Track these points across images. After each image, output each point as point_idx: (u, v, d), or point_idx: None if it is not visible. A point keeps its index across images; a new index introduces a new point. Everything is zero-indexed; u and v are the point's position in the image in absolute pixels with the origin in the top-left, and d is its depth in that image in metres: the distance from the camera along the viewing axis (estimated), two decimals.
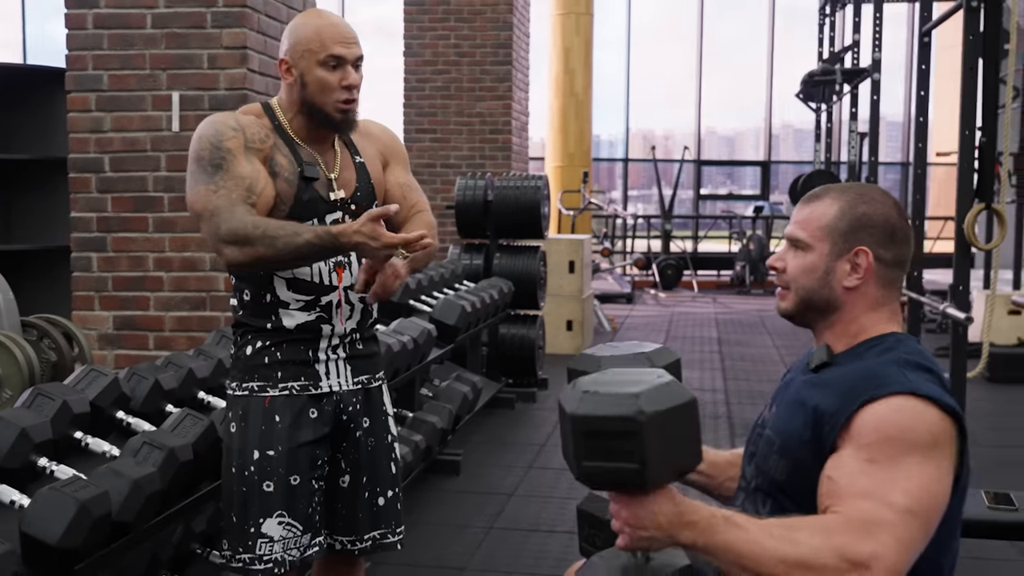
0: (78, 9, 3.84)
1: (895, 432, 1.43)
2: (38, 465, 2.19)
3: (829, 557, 1.33)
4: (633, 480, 1.35)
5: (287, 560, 2.17)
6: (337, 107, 2.15)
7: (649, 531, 1.39)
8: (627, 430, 1.32)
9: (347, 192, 2.25)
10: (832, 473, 1.45)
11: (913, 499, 1.39)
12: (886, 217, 1.64)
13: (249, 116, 2.21)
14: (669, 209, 14.36)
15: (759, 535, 1.37)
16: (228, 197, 2.05)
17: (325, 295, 2.20)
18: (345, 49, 2.13)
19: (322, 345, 2.22)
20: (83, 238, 3.90)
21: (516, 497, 4.52)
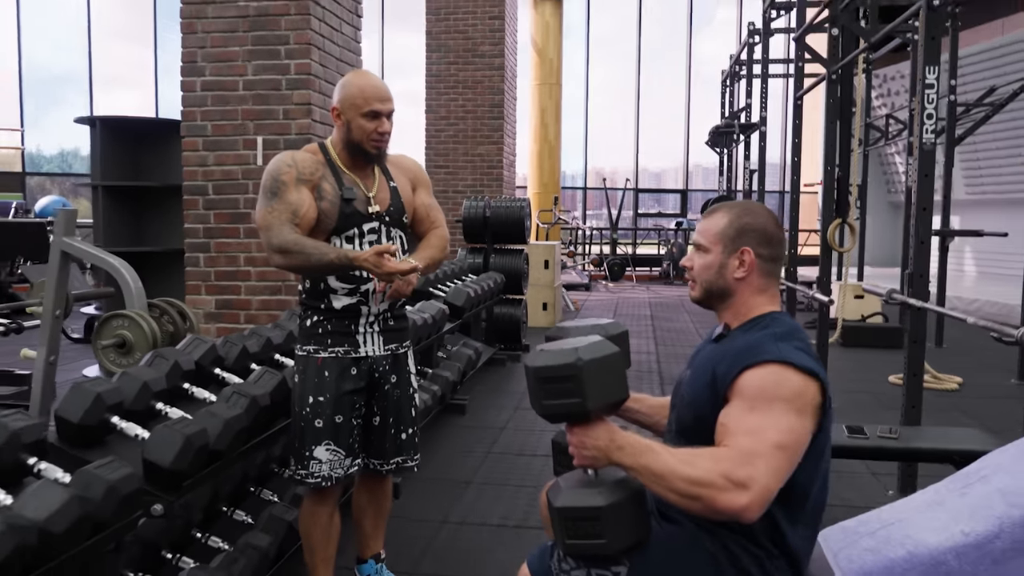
0: (190, 77, 3.76)
1: (769, 388, 1.41)
2: (156, 408, 2.13)
3: (717, 477, 1.31)
4: (577, 411, 1.37)
5: (333, 476, 2.18)
6: (371, 144, 2.14)
7: (591, 451, 1.40)
8: (569, 374, 1.34)
9: (382, 207, 2.22)
10: (723, 419, 1.43)
11: (781, 437, 1.36)
12: (764, 225, 1.61)
13: (307, 153, 2.20)
14: (615, 223, 14.30)
15: (669, 459, 1.35)
16: (279, 218, 2.07)
17: (364, 284, 2.18)
18: (382, 105, 2.12)
19: (361, 321, 2.21)
20: (193, 243, 3.82)
21: (507, 430, 4.47)
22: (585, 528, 1.40)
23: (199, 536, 2.30)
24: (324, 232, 2.15)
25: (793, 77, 9.51)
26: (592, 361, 1.34)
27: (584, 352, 1.34)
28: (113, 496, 1.58)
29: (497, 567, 2.75)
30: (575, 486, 1.44)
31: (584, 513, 1.39)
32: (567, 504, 1.41)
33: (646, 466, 1.35)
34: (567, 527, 1.42)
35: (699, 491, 1.31)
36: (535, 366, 1.36)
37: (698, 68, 17.07)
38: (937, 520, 1.65)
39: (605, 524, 1.38)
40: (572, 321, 1.95)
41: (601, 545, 1.40)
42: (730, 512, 1.31)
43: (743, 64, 9.28)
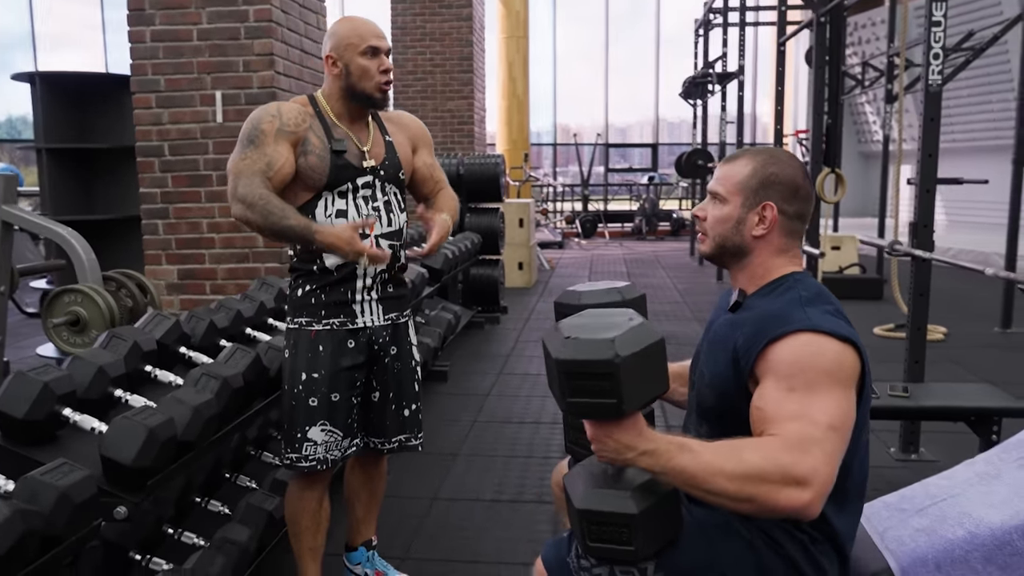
0: (138, 27, 3.42)
1: (807, 364, 1.22)
2: (114, 396, 1.89)
3: (773, 471, 1.12)
4: (610, 413, 1.14)
5: (329, 459, 2.00)
6: (379, 88, 1.95)
7: (611, 452, 1.18)
8: (605, 372, 1.10)
9: (377, 162, 2.02)
10: (759, 403, 1.23)
11: (832, 416, 1.18)
12: (791, 177, 1.40)
13: (295, 104, 1.99)
14: (586, 180, 14.07)
15: (710, 458, 1.15)
16: (251, 167, 1.88)
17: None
18: (379, 41, 1.95)
19: (358, 286, 2.00)
20: (150, 208, 3.52)
21: (492, 397, 4.29)
22: (611, 533, 1.21)
23: (171, 532, 2.08)
24: (313, 188, 1.95)
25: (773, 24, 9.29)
26: (632, 357, 1.10)
27: (622, 345, 1.10)
28: (65, 505, 1.36)
29: (494, 546, 2.59)
30: (599, 484, 1.24)
31: (612, 519, 1.20)
32: (591, 507, 1.21)
33: (681, 469, 1.15)
34: (590, 530, 1.23)
35: (752, 491, 1.12)
36: (562, 358, 1.12)
37: (666, 21, 16.75)
38: (996, 495, 1.50)
39: (635, 531, 1.20)
40: (584, 285, 1.75)
41: (628, 552, 1.22)
42: (790, 511, 1.13)
43: (717, 12, 9.01)
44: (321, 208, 1.95)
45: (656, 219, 13.71)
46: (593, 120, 16.51)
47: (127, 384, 1.94)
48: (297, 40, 3.60)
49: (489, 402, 4.19)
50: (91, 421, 1.72)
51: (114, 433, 1.62)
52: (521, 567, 2.45)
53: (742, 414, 1.29)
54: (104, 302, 2.64)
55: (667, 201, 14.84)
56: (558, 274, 9.29)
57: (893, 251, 3.26)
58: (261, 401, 2.22)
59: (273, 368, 2.25)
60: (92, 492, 1.43)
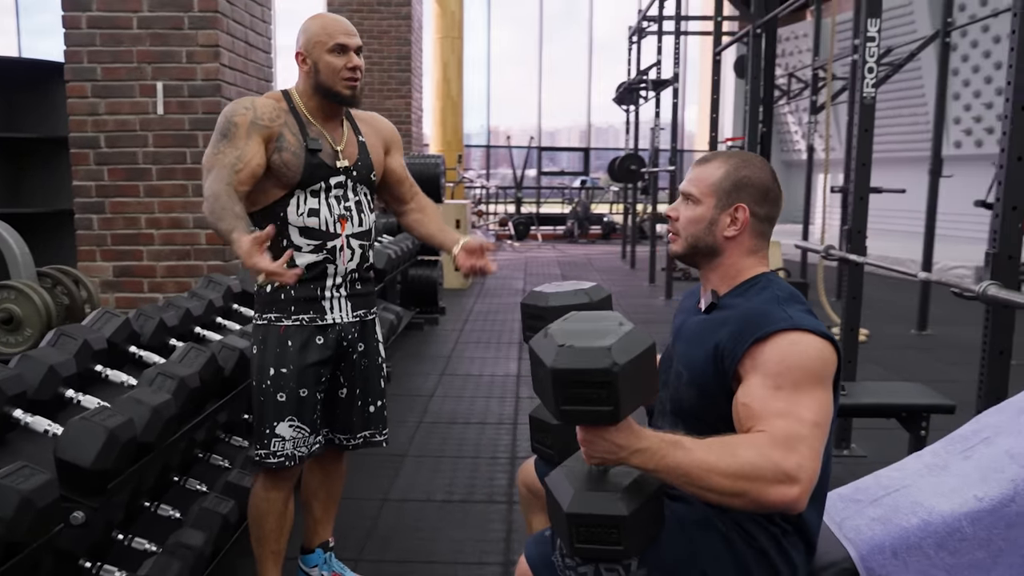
0: (73, 12, 3.27)
1: (793, 363, 1.26)
2: (65, 396, 1.81)
3: (765, 467, 1.15)
4: (605, 420, 1.15)
5: (297, 455, 1.98)
6: (345, 84, 1.92)
7: (602, 454, 1.19)
8: (603, 380, 1.10)
9: (350, 162, 2.01)
10: (746, 400, 1.27)
11: (816, 414, 1.23)
12: (763, 180, 1.45)
13: (269, 99, 1.97)
14: (520, 182, 14.15)
15: (703, 455, 1.17)
16: (221, 161, 1.84)
17: (331, 240, 1.97)
18: (348, 39, 1.92)
19: (327, 284, 1.98)
20: (84, 202, 3.36)
21: (436, 398, 4.28)
22: (600, 535, 1.22)
23: (121, 539, 2.00)
24: (286, 186, 1.92)
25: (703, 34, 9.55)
26: (628, 364, 1.11)
27: (618, 352, 1.11)
28: (28, 511, 1.30)
29: (449, 546, 2.58)
30: (586, 487, 1.25)
31: (602, 521, 1.21)
32: (583, 511, 1.22)
33: (675, 466, 1.17)
34: (579, 533, 1.24)
35: (745, 486, 1.16)
36: (558, 368, 1.12)
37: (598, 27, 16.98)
38: (945, 485, 1.58)
39: (625, 532, 1.21)
40: (551, 286, 1.77)
41: (617, 551, 1.23)
42: (780, 505, 1.17)
43: (651, 20, 9.21)
44: (293, 206, 1.93)
45: (588, 222, 13.90)
46: (522, 123, 16.64)
47: (78, 384, 1.86)
48: (243, 32, 3.51)
49: (434, 403, 4.18)
50: (44, 423, 1.65)
51: (72, 435, 1.55)
52: (476, 567, 2.45)
53: (722, 412, 1.32)
54: (40, 299, 2.52)
55: (598, 205, 15.05)
56: (492, 276, 9.28)
57: (828, 255, 3.40)
58: (215, 402, 2.16)
59: (228, 368, 2.20)
60: (55, 496, 1.37)
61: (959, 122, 10.03)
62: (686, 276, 8.82)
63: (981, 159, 9.28)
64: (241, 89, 3.51)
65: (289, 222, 1.94)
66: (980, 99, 9.72)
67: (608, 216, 14.45)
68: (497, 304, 7.39)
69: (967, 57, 9.77)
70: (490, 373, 4.83)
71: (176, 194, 3.35)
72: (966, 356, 5.21)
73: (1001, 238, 2.23)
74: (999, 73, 9.27)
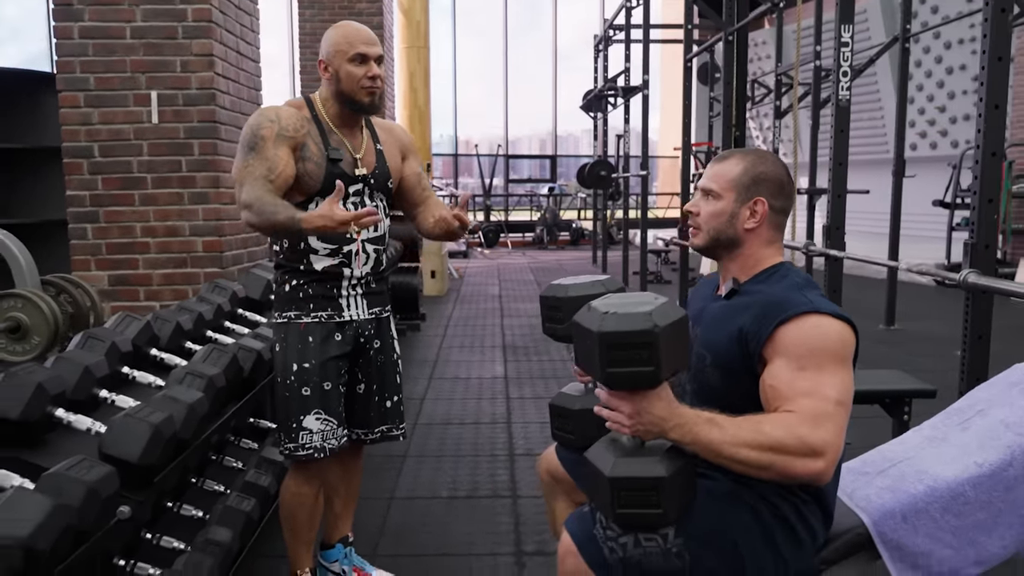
0: (65, 22, 3.27)
1: (814, 343, 1.36)
2: (100, 396, 1.84)
3: (793, 442, 1.26)
4: (648, 380, 1.25)
5: (327, 447, 2.03)
6: (364, 92, 1.97)
7: (645, 425, 1.29)
8: (646, 341, 1.21)
9: (368, 170, 2.06)
10: (772, 381, 1.36)
11: (839, 392, 1.33)
12: (779, 175, 1.56)
13: (291, 108, 2.01)
14: (488, 190, 14.24)
15: (735, 431, 1.28)
16: (253, 173, 1.89)
17: (347, 245, 2.01)
18: (368, 48, 1.97)
19: (343, 284, 2.04)
20: (78, 212, 3.36)
21: (427, 400, 4.33)
22: (641, 498, 1.31)
23: (149, 537, 2.03)
24: (306, 193, 1.97)
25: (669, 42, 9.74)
26: (668, 327, 1.22)
27: (658, 316, 1.23)
28: (94, 501, 1.34)
29: (460, 539, 2.65)
30: (626, 454, 1.34)
31: (643, 484, 1.30)
32: (625, 474, 1.31)
33: (707, 440, 1.27)
34: (620, 497, 1.32)
35: (774, 460, 1.26)
36: (604, 331, 1.23)
37: (562, 35, 17.16)
38: (947, 454, 1.70)
39: (665, 494, 1.30)
40: (567, 279, 1.84)
41: (657, 515, 1.31)
42: (806, 477, 1.28)
43: (618, 29, 9.39)
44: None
45: (557, 229, 14.05)
46: (485, 132, 16.77)
47: (110, 384, 1.89)
48: (234, 42, 3.55)
49: (426, 406, 4.23)
50: (86, 421, 1.68)
51: (117, 431, 1.59)
52: (489, 557, 2.52)
53: (746, 391, 1.42)
54: (48, 308, 2.53)
55: (566, 211, 15.22)
56: (467, 283, 9.38)
57: (808, 251, 3.55)
58: (235, 403, 2.21)
59: (247, 368, 2.24)
60: (116, 487, 1.41)
61: (914, 125, 10.38)
62: (658, 279, 8.99)
63: (937, 160, 9.63)
64: (234, 98, 3.55)
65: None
66: (934, 103, 10.08)
67: (576, 222, 14.61)
68: (476, 310, 7.46)
69: (920, 62, 10.12)
70: (478, 376, 4.89)
71: (172, 202, 3.37)
72: (933, 347, 5.44)
73: (979, 229, 2.38)
74: (951, 78, 9.65)
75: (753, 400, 1.41)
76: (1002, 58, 2.30)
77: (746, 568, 1.43)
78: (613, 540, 1.45)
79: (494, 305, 7.74)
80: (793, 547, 1.45)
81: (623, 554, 1.43)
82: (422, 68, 13.01)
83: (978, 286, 2.36)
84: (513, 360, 5.32)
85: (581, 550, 1.47)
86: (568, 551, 1.49)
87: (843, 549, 1.58)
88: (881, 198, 6.95)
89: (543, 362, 5.26)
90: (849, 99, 3.38)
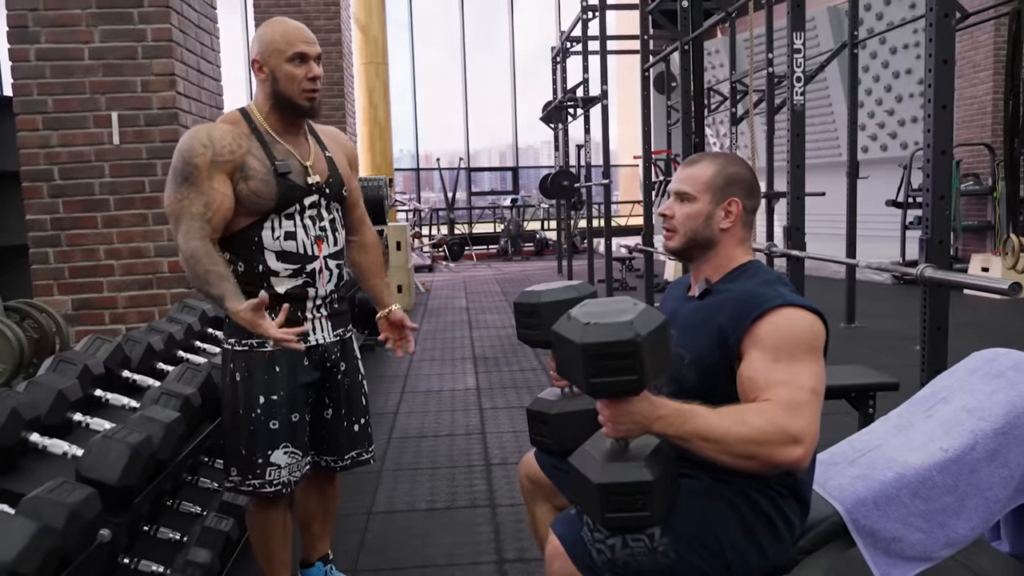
0: (20, 44, 3.23)
1: (787, 335, 1.41)
2: (73, 420, 1.82)
3: (772, 431, 1.29)
4: (632, 388, 1.26)
5: (292, 481, 1.95)
6: (304, 95, 1.87)
7: (629, 425, 1.31)
8: (628, 351, 1.22)
9: (322, 178, 1.96)
10: (749, 373, 1.40)
11: (813, 382, 1.37)
12: (748, 176, 1.62)
13: (225, 125, 1.90)
14: (452, 203, 14.26)
15: (717, 421, 1.31)
16: (188, 210, 1.79)
17: (309, 263, 1.92)
18: (307, 47, 1.86)
19: (308, 306, 1.95)
20: (39, 236, 3.31)
21: (401, 415, 4.32)
22: (629, 502, 1.32)
23: (127, 562, 2.00)
24: (258, 213, 1.86)
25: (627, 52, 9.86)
26: (650, 335, 1.23)
27: (640, 325, 1.23)
28: (76, 523, 1.33)
29: (441, 551, 2.65)
30: (611, 459, 1.36)
31: (631, 488, 1.31)
32: (612, 480, 1.32)
33: (692, 432, 1.30)
34: (608, 502, 1.33)
35: (756, 449, 1.29)
36: (586, 342, 1.23)
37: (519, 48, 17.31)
38: (914, 441, 1.76)
39: (651, 498, 1.32)
40: (540, 285, 1.86)
41: (644, 518, 1.33)
42: (787, 465, 1.31)
43: (575, 40, 9.51)
44: (268, 231, 1.88)
45: (521, 240, 14.10)
46: (446, 146, 16.78)
47: (84, 408, 1.87)
48: (195, 61, 3.53)
49: (400, 419, 4.22)
50: (62, 445, 1.66)
51: (95, 453, 1.58)
52: (471, 567, 2.53)
53: (723, 390, 1.45)
54: (13, 334, 2.49)
55: (530, 222, 15.29)
56: (434, 296, 9.37)
57: (771, 252, 3.63)
58: (210, 423, 2.19)
59: None
60: (98, 509, 1.40)
61: (864, 128, 10.66)
62: (623, 286, 9.09)
63: (888, 162, 9.91)
64: (196, 117, 3.52)
65: (265, 247, 1.88)
66: (882, 106, 10.37)
67: (540, 233, 14.69)
68: (444, 323, 7.46)
69: (867, 67, 10.42)
70: (450, 388, 4.90)
71: (136, 223, 3.33)
72: (893, 343, 5.58)
73: (932, 224, 2.47)
74: (898, 82, 9.94)
75: (728, 398, 1.45)
76: (947, 60, 2.40)
77: (729, 562, 1.46)
78: (601, 542, 1.47)
79: (462, 318, 7.75)
80: (773, 540, 1.49)
81: (611, 555, 1.45)
82: (381, 84, 13.06)
83: (934, 280, 2.45)
84: (484, 371, 5.33)
85: (569, 553, 1.49)
86: (556, 554, 1.51)
87: (818, 538, 1.62)
88: (836, 200, 7.12)
89: (514, 372, 5.28)
90: (804, 103, 3.48)
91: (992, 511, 1.66)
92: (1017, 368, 1.76)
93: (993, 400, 1.71)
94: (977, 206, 8.74)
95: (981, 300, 6.95)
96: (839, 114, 10.46)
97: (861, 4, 8.73)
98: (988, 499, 1.65)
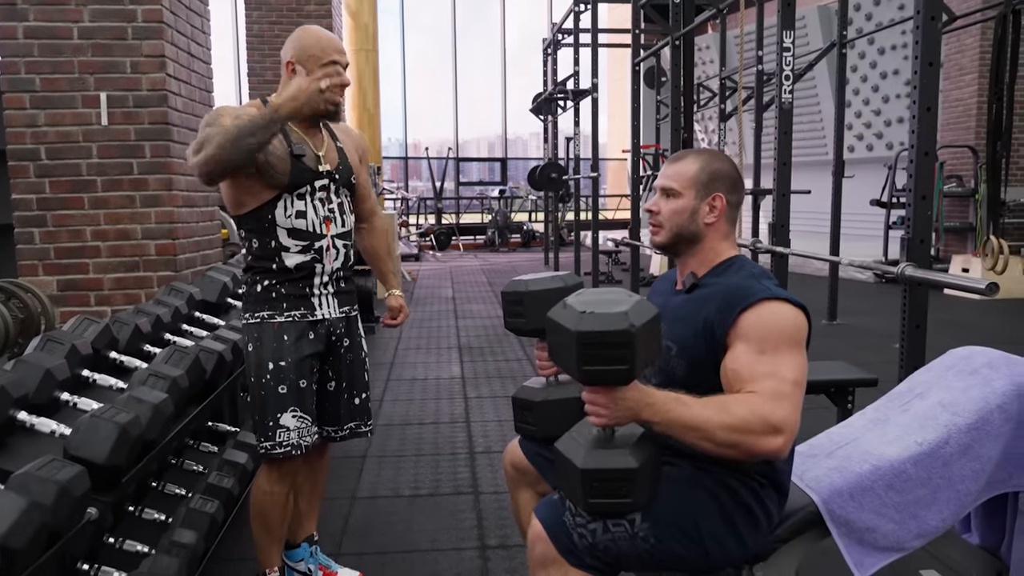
0: (9, 22, 3.20)
1: (772, 327, 1.44)
2: (61, 399, 1.83)
3: (755, 421, 1.33)
4: (622, 378, 1.29)
5: (303, 444, 2.05)
6: (329, 101, 1.97)
7: (619, 412, 1.34)
8: (621, 341, 1.25)
9: (332, 166, 2.09)
10: (733, 365, 1.43)
11: (795, 374, 1.41)
12: (731, 172, 1.64)
13: (251, 108, 2.00)
14: (439, 193, 14.24)
15: (701, 410, 1.34)
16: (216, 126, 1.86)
17: (318, 241, 2.04)
18: (341, 56, 2.00)
19: (315, 282, 2.06)
20: (25, 216, 3.29)
21: (385, 402, 4.34)
22: (612, 488, 1.35)
23: (112, 542, 2.01)
24: (275, 187, 1.99)
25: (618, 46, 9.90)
26: (643, 326, 1.26)
27: (634, 315, 1.26)
28: (66, 500, 1.34)
29: (424, 536, 2.67)
30: (596, 446, 1.39)
31: (615, 475, 1.34)
32: (597, 466, 1.35)
33: (678, 419, 1.33)
34: (592, 488, 1.36)
35: (738, 438, 1.33)
36: (581, 331, 1.25)
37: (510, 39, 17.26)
38: (889, 435, 1.81)
39: (635, 484, 1.35)
40: (528, 276, 1.89)
41: (627, 504, 1.36)
42: (767, 454, 1.34)
43: (566, 33, 9.50)
44: (281, 209, 2.01)
45: (508, 231, 14.11)
46: (434, 135, 16.77)
47: (72, 387, 1.87)
48: (185, 43, 3.51)
49: (384, 407, 4.24)
50: (50, 424, 1.67)
51: (84, 432, 1.59)
52: (454, 552, 2.56)
53: (710, 380, 1.48)
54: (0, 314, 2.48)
55: (517, 214, 15.30)
56: (421, 286, 9.38)
57: (756, 248, 3.67)
58: (196, 405, 2.20)
59: (209, 369, 2.24)
60: (87, 487, 1.41)
61: (851, 128, 10.75)
62: (609, 279, 9.13)
63: (873, 161, 10.00)
64: (186, 99, 3.51)
65: (277, 224, 2.01)
66: (869, 106, 10.47)
67: (528, 224, 14.71)
68: (430, 312, 7.47)
69: (856, 67, 10.50)
70: (435, 376, 4.92)
71: (123, 205, 3.32)
72: (873, 341, 5.65)
73: (914, 224, 2.51)
74: (885, 82, 10.03)
75: (717, 389, 1.48)
76: (932, 63, 2.43)
77: (707, 549, 1.49)
78: (583, 527, 1.50)
79: (448, 307, 7.77)
80: (751, 528, 1.53)
81: (592, 539, 1.48)
82: (371, 71, 12.98)
83: (914, 278, 2.49)
84: (469, 360, 5.36)
85: (551, 536, 1.51)
86: (538, 537, 1.54)
87: (795, 527, 1.66)
88: (822, 198, 7.19)
89: (499, 362, 5.31)
90: (792, 102, 3.51)
91: (963, 504, 1.70)
92: (991, 366, 1.81)
93: (967, 396, 1.76)
94: (959, 208, 8.85)
95: (960, 300, 7.05)
96: (827, 113, 10.54)
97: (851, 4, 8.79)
98: (960, 492, 1.69)
